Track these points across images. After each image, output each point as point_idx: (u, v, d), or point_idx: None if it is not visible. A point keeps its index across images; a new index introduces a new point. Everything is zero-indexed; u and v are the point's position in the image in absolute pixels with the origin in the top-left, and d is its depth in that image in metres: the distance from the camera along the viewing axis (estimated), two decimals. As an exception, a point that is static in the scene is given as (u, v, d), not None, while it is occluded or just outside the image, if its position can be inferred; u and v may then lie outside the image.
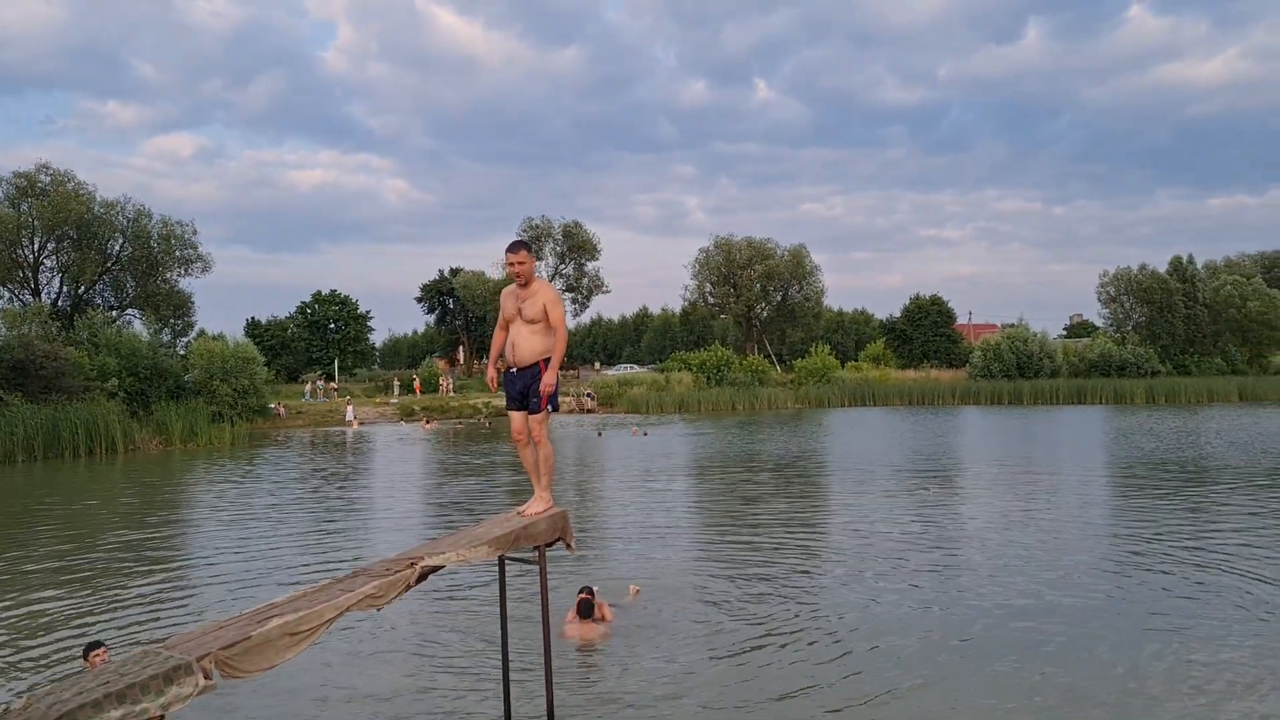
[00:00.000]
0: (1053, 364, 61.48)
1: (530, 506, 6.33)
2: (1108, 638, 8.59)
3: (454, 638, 9.05)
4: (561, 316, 6.12)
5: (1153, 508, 15.98)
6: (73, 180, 43.45)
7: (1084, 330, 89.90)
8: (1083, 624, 9.04)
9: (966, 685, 7.51)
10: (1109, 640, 8.51)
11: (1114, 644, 8.40)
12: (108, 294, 46.67)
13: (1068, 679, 7.55)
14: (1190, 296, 64.65)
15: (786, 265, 70.45)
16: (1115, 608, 9.64)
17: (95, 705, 3.81)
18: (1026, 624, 9.08)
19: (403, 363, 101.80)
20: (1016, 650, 8.30)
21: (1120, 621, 9.13)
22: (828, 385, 57.47)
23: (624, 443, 32.35)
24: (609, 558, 12.72)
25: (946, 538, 13.66)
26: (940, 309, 76.91)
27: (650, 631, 9.09)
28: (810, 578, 11.37)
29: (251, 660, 4.43)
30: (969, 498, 17.88)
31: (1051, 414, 44.39)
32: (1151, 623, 9.06)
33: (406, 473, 24.82)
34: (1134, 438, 29.92)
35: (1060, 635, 8.69)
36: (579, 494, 19.42)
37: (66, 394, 32.23)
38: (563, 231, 68.02)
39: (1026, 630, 8.88)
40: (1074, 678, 7.57)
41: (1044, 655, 8.15)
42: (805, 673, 7.86)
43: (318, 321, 73.42)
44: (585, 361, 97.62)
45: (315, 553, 13.62)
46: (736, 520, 15.77)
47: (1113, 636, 8.63)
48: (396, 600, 5.23)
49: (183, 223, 46.60)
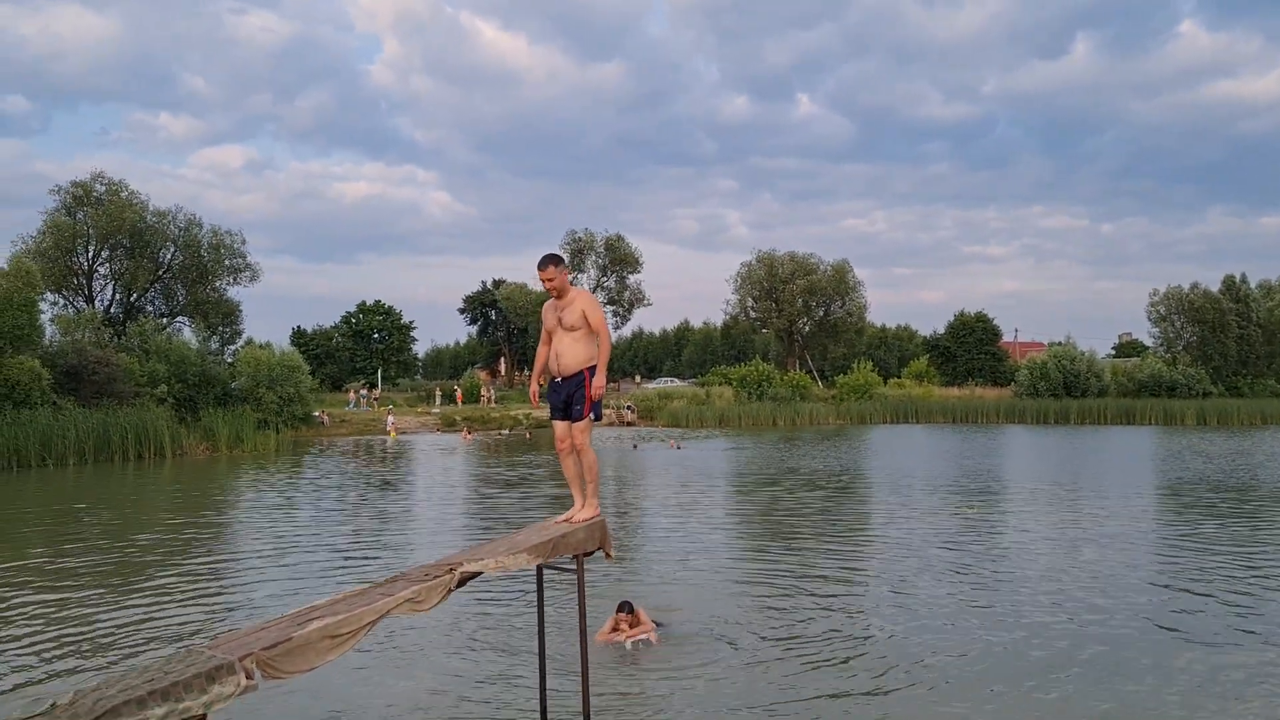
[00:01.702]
0: (1100, 383, 60.49)
1: (577, 513, 6.35)
2: (1146, 660, 8.41)
3: (492, 644, 9.07)
4: (601, 319, 6.15)
5: (1202, 530, 15.64)
6: (126, 190, 44.34)
7: (1133, 350, 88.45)
8: (1123, 647, 8.85)
9: (1001, 706, 7.38)
10: (1148, 663, 8.33)
11: (1153, 666, 8.23)
12: (158, 301, 47.57)
13: (1104, 703, 7.40)
14: (1244, 316, 63.39)
15: (829, 280, 70.12)
16: (1158, 631, 9.44)
17: (139, 702, 3.85)
18: (1064, 645, 8.91)
19: (445, 373, 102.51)
20: (1053, 671, 8.15)
21: (1162, 644, 8.93)
22: (870, 401, 57.02)
23: (661, 456, 32.33)
24: (647, 569, 12.69)
25: (988, 558, 13.47)
26: (985, 326, 76.11)
27: (688, 643, 9.04)
28: (849, 595, 11.25)
29: (292, 662, 4.47)
30: (1013, 518, 17.61)
31: (1099, 434, 43.67)
32: (1191, 647, 8.85)
33: (446, 482, 24.97)
34: (1184, 459, 29.33)
35: (1099, 657, 8.52)
36: (617, 505, 19.41)
37: (117, 399, 32.87)
38: (605, 244, 68.26)
39: (1063, 651, 8.72)
40: (1110, 701, 7.42)
41: (1079, 677, 7.99)
42: (838, 687, 7.77)
43: (362, 331, 74.29)
44: (626, 375, 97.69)
45: (356, 558, 13.74)
46: (775, 535, 15.67)
47: (1152, 658, 8.45)
48: (437, 605, 5.25)
49: (232, 232, 47.48)
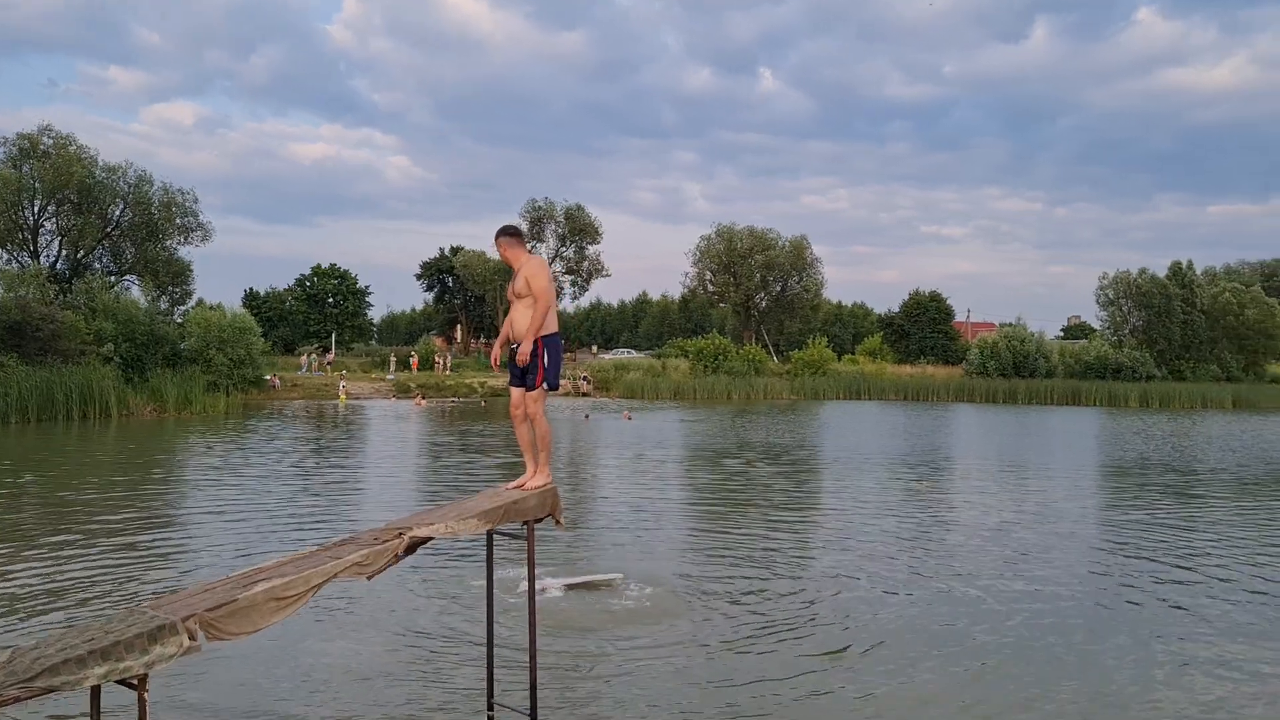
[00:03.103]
0: (1049, 364, 61.55)
1: (527, 480, 6.35)
2: (1084, 629, 8.64)
3: (439, 609, 9.07)
4: (542, 286, 6.12)
5: (1141, 507, 16.03)
6: (74, 144, 43.16)
7: (1081, 332, 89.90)
8: (1066, 617, 9.08)
9: (946, 679, 7.54)
10: (1084, 632, 8.57)
11: (1089, 635, 8.47)
12: (106, 259, 46.54)
13: (1039, 672, 7.60)
14: (1189, 302, 64.68)
15: (787, 256, 70.39)
16: (1097, 602, 9.68)
17: (79, 661, 3.81)
18: (1005, 618, 9.12)
19: (400, 339, 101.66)
20: (991, 642, 8.34)
21: (1101, 614, 9.17)
22: (824, 377, 57.48)
23: (614, 427, 32.44)
24: (598, 538, 12.75)
25: (936, 531, 13.71)
26: (939, 306, 76.83)
27: (638, 608, 9.13)
28: (800, 567, 11.40)
29: (237, 623, 4.43)
30: (961, 493, 17.92)
31: (1045, 414, 44.46)
32: (1129, 617, 9.09)
33: (399, 447, 24.84)
34: (1126, 440, 29.99)
35: (1039, 628, 8.73)
36: (570, 475, 19.45)
37: (62, 357, 32.21)
38: (565, 214, 67.86)
39: (1002, 624, 8.92)
40: (1043, 671, 7.62)
41: (1015, 645, 8.19)
42: (786, 661, 7.88)
43: (316, 295, 73.30)
44: (583, 345, 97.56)
45: (304, 522, 13.64)
46: (727, 507, 15.80)
47: (1089, 631, 8.68)
48: (385, 569, 5.24)
49: (183, 190, 46.44)
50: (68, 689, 3.82)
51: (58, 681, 3.76)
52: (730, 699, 6.97)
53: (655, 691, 7.09)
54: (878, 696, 7.08)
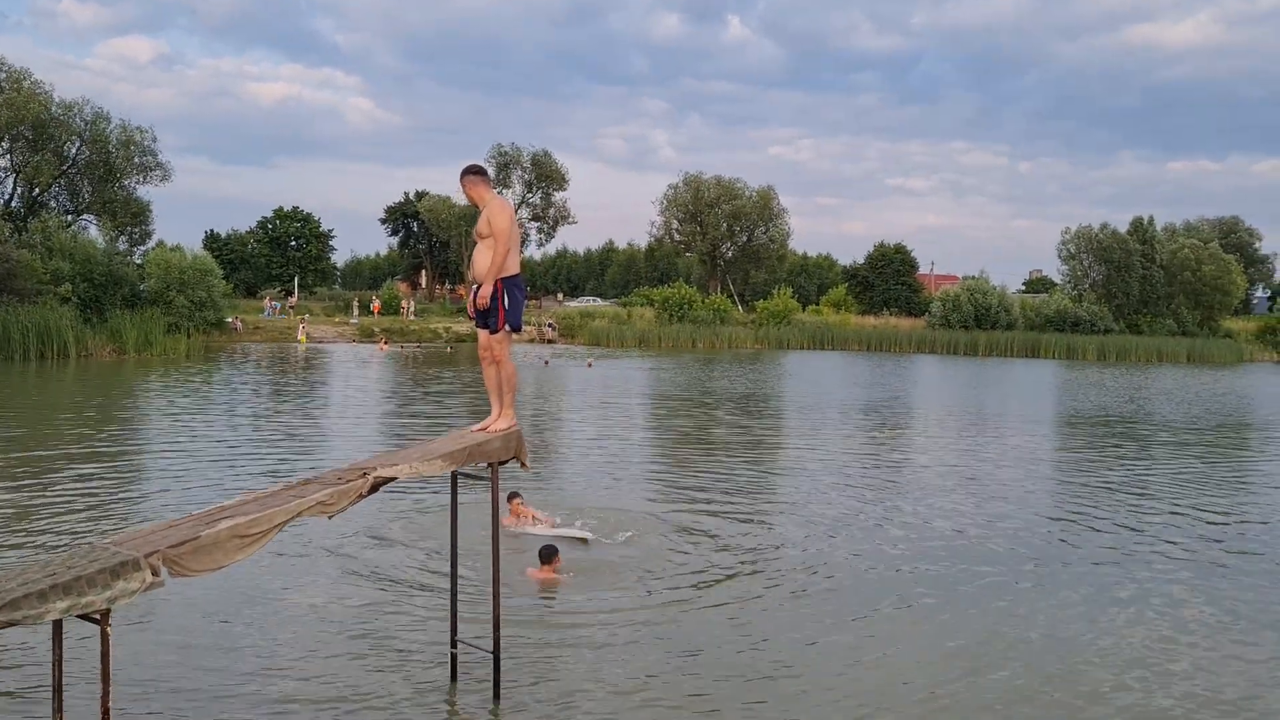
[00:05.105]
0: (1009, 317, 62.19)
1: (492, 423, 6.35)
2: (1033, 577, 8.88)
3: (404, 551, 9.13)
4: (503, 227, 6.03)
5: (1093, 456, 16.40)
6: (29, 79, 41.99)
7: (1042, 286, 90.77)
8: (1020, 562, 9.32)
9: (898, 627, 7.74)
10: (1034, 580, 8.80)
11: (1037, 583, 8.70)
12: (63, 198, 45.60)
13: (989, 619, 7.81)
14: (1148, 258, 65.41)
15: (754, 206, 70.26)
16: (1049, 549, 9.94)
17: (40, 595, 3.82)
18: (961, 564, 9.34)
19: (364, 284, 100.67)
20: (949, 589, 8.55)
21: (1051, 561, 9.42)
22: (788, 327, 57.75)
23: (577, 374, 32.58)
24: (560, 481, 12.85)
25: (897, 477, 13.95)
26: (904, 258, 77.10)
27: (604, 565, 9.20)
28: (762, 514, 11.56)
29: (199, 560, 4.45)
30: (920, 441, 18.21)
31: (1005, 366, 45.06)
32: (1081, 564, 9.35)
33: (361, 390, 24.75)
34: (1083, 390, 30.53)
35: (989, 575, 8.95)
36: (534, 420, 19.50)
37: (18, 296, 31.64)
38: (531, 160, 67.12)
39: (961, 571, 9.14)
40: (995, 618, 7.83)
41: (971, 596, 8.40)
42: (748, 617, 8.03)
43: (278, 238, 72.25)
44: (548, 292, 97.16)
45: (266, 462, 13.61)
46: (690, 454, 15.95)
47: (1040, 575, 8.93)
48: (348, 509, 5.26)
49: (142, 129, 45.44)
50: (29, 622, 3.83)
51: (19, 615, 3.77)
52: (688, 645, 7.12)
53: (617, 636, 7.22)
54: (845, 641, 7.26)
